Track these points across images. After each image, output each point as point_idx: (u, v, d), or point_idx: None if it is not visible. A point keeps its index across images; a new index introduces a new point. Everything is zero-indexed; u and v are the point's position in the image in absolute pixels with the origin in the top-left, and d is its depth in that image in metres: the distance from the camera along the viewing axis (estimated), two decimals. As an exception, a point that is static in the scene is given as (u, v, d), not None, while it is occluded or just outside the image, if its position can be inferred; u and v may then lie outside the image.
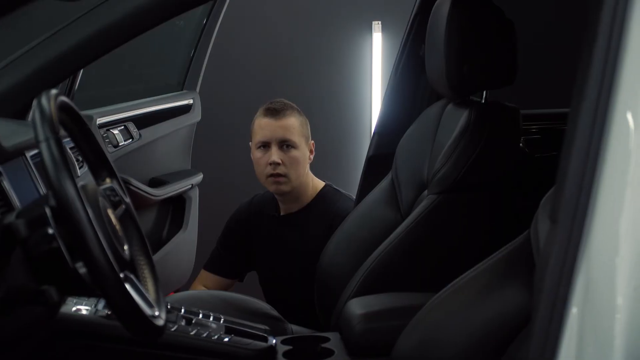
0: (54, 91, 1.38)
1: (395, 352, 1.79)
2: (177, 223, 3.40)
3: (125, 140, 3.00)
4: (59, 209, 1.28)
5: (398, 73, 2.77)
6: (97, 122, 2.85)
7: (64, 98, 1.41)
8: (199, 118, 3.48)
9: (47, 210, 1.32)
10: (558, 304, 1.05)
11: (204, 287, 3.07)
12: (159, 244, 3.31)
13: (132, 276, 1.44)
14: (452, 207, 2.14)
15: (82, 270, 1.31)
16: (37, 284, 1.33)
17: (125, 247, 1.44)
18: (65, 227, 1.30)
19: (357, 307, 2.10)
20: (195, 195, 3.46)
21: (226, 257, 3.09)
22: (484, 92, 2.23)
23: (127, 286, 1.38)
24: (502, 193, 2.14)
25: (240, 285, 3.19)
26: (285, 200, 2.99)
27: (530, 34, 2.95)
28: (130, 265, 1.46)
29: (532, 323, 1.11)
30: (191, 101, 3.43)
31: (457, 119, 2.18)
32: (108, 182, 1.57)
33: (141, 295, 1.41)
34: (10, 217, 1.36)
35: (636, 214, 0.99)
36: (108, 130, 2.92)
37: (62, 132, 1.53)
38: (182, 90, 3.48)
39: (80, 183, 1.39)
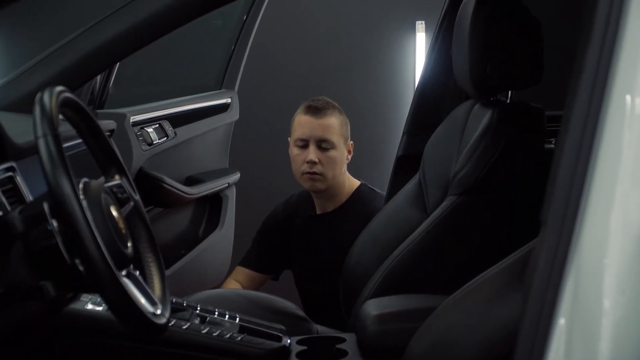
0: (58, 87, 1.39)
1: (408, 354, 1.78)
2: (214, 222, 3.41)
3: (160, 139, 3.01)
4: (56, 205, 1.29)
5: (427, 73, 2.75)
6: (131, 120, 2.87)
7: (68, 94, 1.41)
8: (236, 117, 3.49)
9: (46, 207, 1.33)
10: (546, 307, 1.02)
11: (236, 281, 3.07)
12: (194, 242, 3.33)
13: (136, 273, 1.44)
14: (472, 209, 2.11)
15: (82, 266, 1.32)
16: (37, 280, 1.33)
17: (129, 244, 1.44)
18: (62, 223, 1.31)
19: (372, 308, 2.08)
20: (232, 194, 3.47)
21: (261, 253, 3.09)
22: (510, 92, 2.20)
23: (129, 283, 1.38)
24: (524, 195, 2.10)
25: (273, 285, 3.19)
26: (321, 199, 2.99)
27: (568, 33, 2.90)
28: (134, 263, 1.46)
29: (520, 326, 1.09)
30: (229, 100, 3.44)
31: (482, 119, 2.15)
32: (117, 179, 1.58)
33: (144, 292, 1.41)
34: (14, 213, 1.37)
35: (627, 213, 0.97)
36: (142, 128, 2.93)
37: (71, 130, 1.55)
38: (220, 89, 3.50)
39: (83, 180, 1.40)
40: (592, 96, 1.02)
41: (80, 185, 1.38)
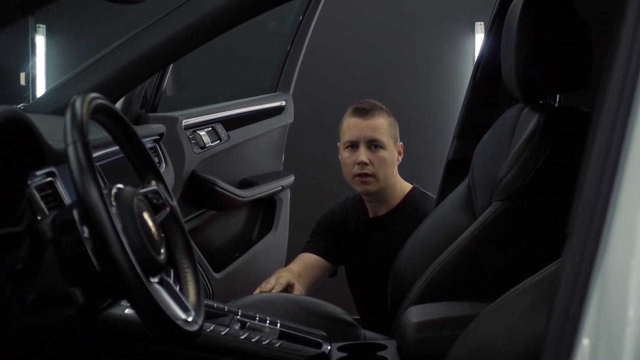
0: (91, 94, 1.40)
1: (447, 361, 1.75)
2: (268, 224, 3.43)
3: (212, 142, 3.03)
4: (84, 212, 1.30)
5: (478, 75, 2.71)
6: (183, 124, 2.89)
7: (102, 101, 1.42)
8: (291, 120, 3.50)
9: (75, 214, 1.34)
10: (570, 323, 1.00)
11: (303, 263, 3.01)
12: (248, 244, 3.35)
13: (169, 280, 1.44)
14: (516, 215, 2.06)
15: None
16: (68, 286, 1.34)
17: (162, 251, 1.44)
18: (90, 230, 1.31)
19: (413, 315, 2.05)
20: (286, 196, 3.48)
21: (321, 242, 3.05)
22: (558, 96, 2.15)
23: (160, 290, 1.38)
24: (570, 201, 2.05)
25: (326, 290, 3.16)
26: (373, 203, 2.98)
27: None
28: (167, 269, 1.47)
29: (543, 341, 1.06)
30: (284, 103, 3.45)
31: (529, 124, 2.11)
32: (153, 184, 1.58)
33: (176, 299, 1.41)
34: (47, 219, 1.39)
35: None
36: (194, 131, 2.96)
37: (104, 135, 1.56)
38: (275, 91, 3.50)
39: (116, 186, 1.41)
40: (621, 101, 0.99)
41: (114, 191, 1.39)
